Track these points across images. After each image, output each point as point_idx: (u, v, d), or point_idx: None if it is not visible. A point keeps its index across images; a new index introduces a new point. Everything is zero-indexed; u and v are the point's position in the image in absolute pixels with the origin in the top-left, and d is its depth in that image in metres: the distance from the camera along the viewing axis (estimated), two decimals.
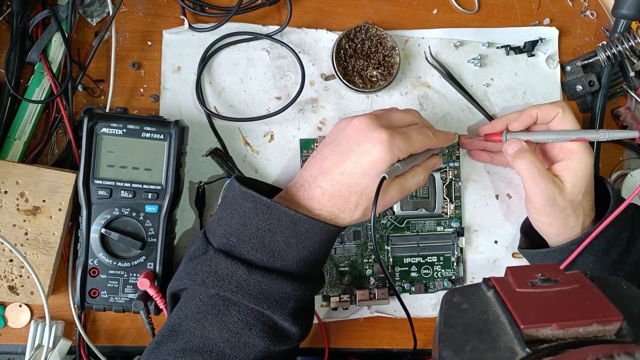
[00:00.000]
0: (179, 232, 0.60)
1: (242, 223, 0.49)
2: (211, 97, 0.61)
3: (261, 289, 0.47)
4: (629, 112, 0.64)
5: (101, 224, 0.54)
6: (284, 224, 0.48)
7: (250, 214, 0.48)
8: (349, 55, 0.61)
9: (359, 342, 0.63)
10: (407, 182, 0.52)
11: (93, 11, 0.60)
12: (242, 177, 0.55)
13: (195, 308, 0.48)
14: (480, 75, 0.64)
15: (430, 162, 0.55)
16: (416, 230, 0.63)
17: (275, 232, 0.48)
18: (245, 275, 0.47)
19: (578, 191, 0.54)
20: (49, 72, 0.57)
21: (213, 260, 0.48)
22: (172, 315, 0.50)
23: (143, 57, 0.61)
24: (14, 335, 0.59)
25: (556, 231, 0.56)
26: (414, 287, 0.63)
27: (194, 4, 0.61)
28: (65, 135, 0.60)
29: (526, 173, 0.54)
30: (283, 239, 0.48)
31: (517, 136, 0.57)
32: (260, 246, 0.48)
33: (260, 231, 0.48)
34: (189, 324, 0.48)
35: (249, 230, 0.49)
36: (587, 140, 0.55)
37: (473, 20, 0.65)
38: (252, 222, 0.48)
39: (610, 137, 0.54)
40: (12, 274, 0.55)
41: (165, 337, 0.49)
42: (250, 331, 0.47)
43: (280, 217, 0.48)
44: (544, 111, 0.56)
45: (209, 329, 0.47)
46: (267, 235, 0.48)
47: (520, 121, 0.57)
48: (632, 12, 0.60)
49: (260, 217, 0.48)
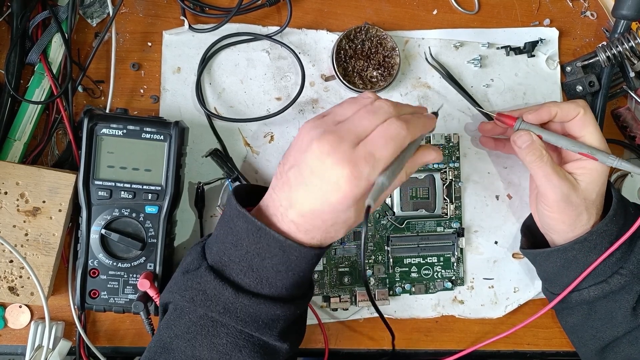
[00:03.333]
0: (179, 233, 0.60)
1: (234, 243, 0.47)
2: (211, 98, 0.61)
3: (248, 312, 0.46)
4: (629, 113, 0.64)
5: (101, 224, 0.54)
6: (272, 249, 0.46)
7: (242, 234, 0.47)
8: (349, 56, 0.61)
9: (359, 342, 0.63)
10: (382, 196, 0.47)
11: (93, 12, 0.60)
12: (243, 186, 0.53)
13: (185, 327, 0.47)
14: (480, 76, 0.64)
15: (417, 159, 0.49)
16: (416, 230, 0.63)
17: (264, 257, 0.46)
18: (232, 298, 0.46)
19: (592, 190, 0.54)
20: (49, 73, 0.57)
21: (203, 278, 0.47)
22: (162, 332, 0.49)
23: (143, 58, 0.61)
24: (14, 336, 0.59)
25: (567, 228, 0.55)
26: (414, 288, 0.63)
27: (194, 5, 0.61)
28: (65, 136, 0.60)
29: (538, 170, 0.53)
30: (272, 265, 0.46)
31: (530, 128, 0.55)
32: (249, 270, 0.47)
33: (249, 254, 0.46)
34: (180, 343, 0.47)
35: (239, 251, 0.47)
36: (595, 159, 0.53)
37: (473, 21, 0.65)
38: (242, 244, 0.47)
39: (617, 165, 0.53)
40: (12, 274, 0.55)
41: (158, 354, 0.48)
42: (240, 352, 0.47)
43: (269, 242, 0.46)
44: (565, 110, 0.54)
45: (199, 349, 0.47)
46: (255, 260, 0.46)
47: (537, 115, 0.55)
48: (632, 13, 0.60)
49: (251, 239, 0.46)
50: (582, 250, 0.54)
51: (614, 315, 0.55)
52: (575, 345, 0.61)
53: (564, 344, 0.64)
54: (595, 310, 0.56)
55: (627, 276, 0.54)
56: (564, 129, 0.56)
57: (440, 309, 0.63)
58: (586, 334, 0.57)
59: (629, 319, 0.55)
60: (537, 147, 0.54)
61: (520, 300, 0.64)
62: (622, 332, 0.55)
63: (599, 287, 0.55)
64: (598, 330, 0.56)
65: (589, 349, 0.58)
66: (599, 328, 0.56)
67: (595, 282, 0.55)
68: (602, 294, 0.55)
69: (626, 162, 0.54)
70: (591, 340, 0.57)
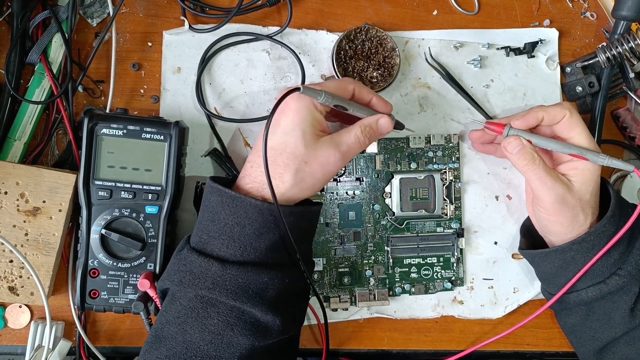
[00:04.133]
0: (179, 233, 0.60)
1: (211, 219, 0.49)
2: (211, 98, 0.61)
3: (237, 282, 0.47)
4: (628, 114, 0.64)
5: (101, 224, 0.54)
6: (251, 215, 0.48)
7: (218, 208, 0.48)
8: (349, 56, 0.61)
9: (358, 342, 0.63)
10: (343, 138, 0.50)
11: (93, 12, 0.60)
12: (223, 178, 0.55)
13: (176, 312, 0.48)
14: (480, 77, 0.64)
15: (369, 119, 0.52)
16: (416, 231, 0.63)
17: (244, 225, 0.48)
18: (219, 271, 0.47)
19: (586, 190, 0.54)
20: (49, 72, 0.57)
21: (187, 259, 0.49)
22: (157, 319, 0.50)
23: (143, 57, 0.61)
24: (14, 336, 0.59)
25: (565, 229, 0.55)
26: (414, 288, 0.63)
27: (194, 5, 0.61)
28: (65, 136, 0.60)
29: (531, 174, 0.54)
30: (253, 230, 0.48)
31: (519, 134, 0.55)
32: (230, 241, 0.48)
33: (227, 226, 0.48)
34: (171, 329, 0.48)
35: (217, 225, 0.48)
36: (585, 159, 0.54)
37: (473, 22, 0.65)
38: (219, 217, 0.48)
39: (608, 163, 0.54)
40: (12, 274, 0.55)
41: (150, 344, 0.49)
42: (232, 330, 0.47)
43: (247, 209, 0.48)
44: (551, 114, 0.55)
45: (191, 333, 0.47)
46: (235, 229, 0.48)
47: (524, 120, 0.55)
48: (632, 14, 0.60)
49: (227, 211, 0.48)
50: (580, 250, 0.54)
51: (612, 316, 0.55)
52: (574, 345, 0.61)
53: (564, 344, 0.64)
54: (593, 311, 0.56)
55: (625, 277, 0.54)
56: (552, 132, 0.57)
57: (440, 310, 0.63)
58: (584, 334, 0.57)
59: (627, 320, 0.55)
60: (528, 151, 0.54)
61: (519, 301, 0.64)
62: (620, 332, 0.55)
63: (597, 288, 0.55)
64: (596, 330, 0.56)
65: (587, 349, 0.58)
66: (597, 329, 0.56)
67: (594, 282, 0.55)
68: (600, 295, 0.55)
69: (616, 160, 0.54)
70: (589, 341, 0.57)
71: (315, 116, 0.49)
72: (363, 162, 0.62)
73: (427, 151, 0.63)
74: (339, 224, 0.62)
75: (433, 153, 0.63)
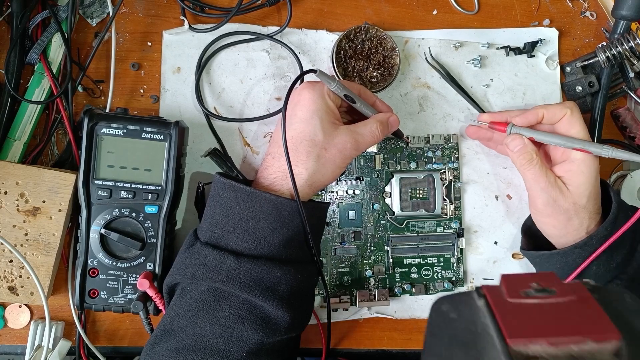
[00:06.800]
0: (179, 233, 0.60)
1: (225, 214, 0.49)
2: (211, 98, 0.61)
3: (251, 276, 0.48)
4: (628, 113, 0.64)
5: (101, 224, 0.54)
6: (266, 210, 0.49)
7: (232, 203, 0.49)
8: (349, 56, 0.61)
9: (358, 342, 0.63)
10: (359, 129, 0.52)
11: (93, 12, 0.60)
12: (228, 174, 0.56)
13: (186, 305, 0.49)
14: (480, 76, 0.64)
15: (382, 115, 0.55)
16: (416, 231, 0.63)
17: (258, 219, 0.49)
18: (234, 264, 0.48)
19: (582, 194, 0.54)
20: (48, 72, 0.57)
21: (201, 253, 0.49)
22: (166, 314, 0.50)
23: (143, 57, 0.61)
24: (13, 335, 0.59)
25: (559, 232, 0.55)
26: (414, 288, 0.63)
27: (194, 5, 0.61)
28: (65, 136, 0.60)
29: (528, 173, 0.54)
30: (267, 224, 0.49)
31: (521, 131, 0.56)
32: (245, 235, 0.49)
33: (242, 220, 0.49)
34: (181, 321, 0.48)
35: (232, 220, 0.49)
36: (589, 152, 0.54)
37: (473, 21, 0.65)
38: (234, 212, 0.49)
39: (612, 155, 0.54)
40: (12, 274, 0.55)
41: (159, 337, 0.49)
42: (242, 324, 0.47)
43: (262, 204, 0.49)
44: (551, 112, 0.55)
45: (201, 326, 0.47)
46: (250, 224, 0.49)
47: (524, 117, 0.56)
48: (632, 13, 0.60)
49: (242, 206, 0.49)
50: (582, 254, 0.54)
51: None
52: None
53: None
54: None
55: (627, 282, 0.54)
56: (552, 131, 0.57)
57: None
58: None
59: None
60: (528, 151, 0.55)
61: None
62: None
63: None
64: None
65: None
66: None
67: None
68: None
69: (620, 151, 0.54)
70: None
71: (329, 105, 0.52)
72: (363, 162, 0.62)
73: (426, 151, 0.63)
74: (339, 223, 0.62)
75: (432, 153, 0.63)
